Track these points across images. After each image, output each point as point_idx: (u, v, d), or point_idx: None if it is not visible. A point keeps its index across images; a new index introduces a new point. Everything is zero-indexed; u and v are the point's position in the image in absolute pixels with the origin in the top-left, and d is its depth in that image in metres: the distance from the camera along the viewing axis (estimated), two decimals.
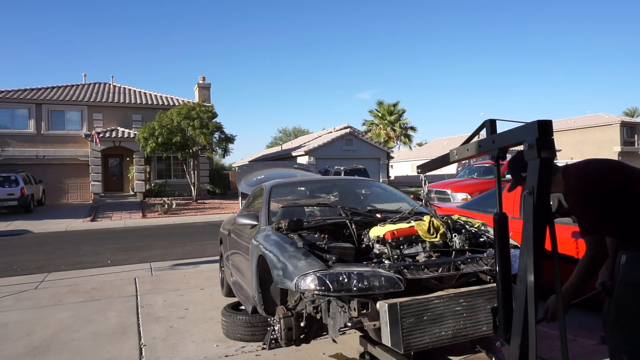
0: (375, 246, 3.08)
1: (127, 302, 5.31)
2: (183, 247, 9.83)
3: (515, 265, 2.13)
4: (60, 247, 10.60)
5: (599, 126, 36.86)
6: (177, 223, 15.48)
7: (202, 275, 6.65)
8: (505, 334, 1.97)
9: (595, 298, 2.70)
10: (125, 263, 8.09)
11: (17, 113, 23.22)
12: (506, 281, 1.96)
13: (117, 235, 12.52)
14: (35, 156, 22.78)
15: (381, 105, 35.62)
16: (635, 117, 46.51)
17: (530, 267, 1.76)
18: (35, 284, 6.57)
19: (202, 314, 4.72)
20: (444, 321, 2.60)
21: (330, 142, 27.61)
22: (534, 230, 1.74)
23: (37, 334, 4.27)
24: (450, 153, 2.47)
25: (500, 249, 1.95)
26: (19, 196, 17.85)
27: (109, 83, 28.20)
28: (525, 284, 1.78)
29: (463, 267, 2.83)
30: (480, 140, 2.15)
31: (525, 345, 1.80)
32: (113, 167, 24.76)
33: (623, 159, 35.53)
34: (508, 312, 1.95)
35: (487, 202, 5.63)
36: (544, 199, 1.77)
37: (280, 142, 51.18)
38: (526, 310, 1.79)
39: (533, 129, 1.73)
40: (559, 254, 1.84)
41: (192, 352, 3.66)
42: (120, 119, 24.49)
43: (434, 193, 12.42)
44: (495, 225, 1.98)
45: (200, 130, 20.32)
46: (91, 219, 16.84)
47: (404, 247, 3.04)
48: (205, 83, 26.79)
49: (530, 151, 1.75)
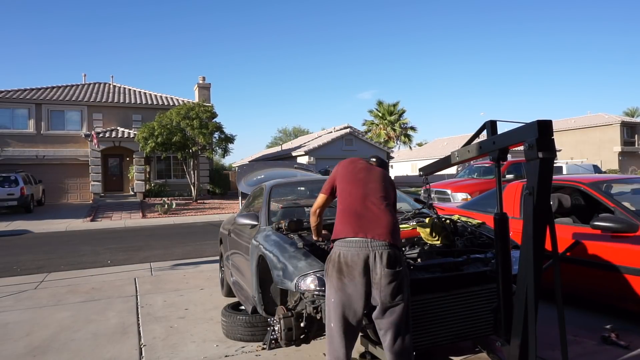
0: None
1: (127, 302, 5.30)
2: (183, 247, 9.82)
3: (515, 265, 2.13)
4: (60, 247, 10.60)
5: (599, 126, 36.84)
6: (177, 223, 15.48)
7: (202, 275, 6.65)
8: (506, 334, 1.97)
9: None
10: (125, 263, 8.09)
11: (17, 113, 23.21)
12: (507, 281, 1.96)
13: (117, 236, 12.52)
14: (35, 156, 22.77)
15: (381, 105, 35.60)
16: (635, 117, 46.51)
17: (530, 267, 1.76)
18: (35, 284, 6.56)
19: (202, 314, 4.72)
20: (444, 321, 2.60)
21: (330, 142, 27.61)
22: (534, 230, 1.74)
23: (37, 334, 4.26)
24: (451, 155, 2.47)
25: (501, 248, 1.95)
26: (18, 196, 17.84)
27: (108, 83, 28.20)
28: (525, 284, 1.78)
29: (464, 268, 2.82)
30: (481, 141, 2.15)
31: (525, 345, 1.80)
32: (113, 167, 24.75)
33: (623, 159, 35.54)
34: (508, 312, 1.95)
35: (487, 202, 5.63)
36: (544, 198, 1.77)
37: (280, 142, 51.19)
38: (526, 310, 1.79)
39: (533, 129, 1.73)
40: (559, 254, 1.84)
41: (192, 352, 3.66)
42: (120, 119, 24.49)
43: (434, 193, 12.42)
44: (496, 226, 1.98)
45: (200, 130, 20.32)
46: (91, 219, 16.84)
47: (406, 249, 3.05)
48: (205, 83, 26.79)
49: (530, 151, 1.74)
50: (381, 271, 2.31)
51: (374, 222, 2.41)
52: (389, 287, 2.31)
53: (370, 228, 2.39)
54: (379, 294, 2.33)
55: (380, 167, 2.70)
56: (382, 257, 2.32)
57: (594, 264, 3.92)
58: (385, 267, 2.31)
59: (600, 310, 4.16)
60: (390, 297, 2.32)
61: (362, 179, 2.58)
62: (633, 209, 4.07)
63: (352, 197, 2.52)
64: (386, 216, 2.45)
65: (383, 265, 2.31)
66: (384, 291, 2.31)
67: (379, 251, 2.33)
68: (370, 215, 2.44)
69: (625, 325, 3.83)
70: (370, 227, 2.39)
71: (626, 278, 3.72)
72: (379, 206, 2.47)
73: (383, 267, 2.31)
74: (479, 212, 5.27)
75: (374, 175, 2.61)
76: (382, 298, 2.32)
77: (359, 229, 2.39)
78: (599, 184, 4.47)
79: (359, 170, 2.63)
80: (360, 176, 2.59)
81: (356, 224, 2.41)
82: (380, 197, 2.51)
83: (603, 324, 3.79)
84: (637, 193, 5.06)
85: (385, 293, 2.32)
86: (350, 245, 2.37)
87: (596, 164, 25.09)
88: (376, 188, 2.55)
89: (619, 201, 4.19)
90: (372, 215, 2.44)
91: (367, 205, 2.47)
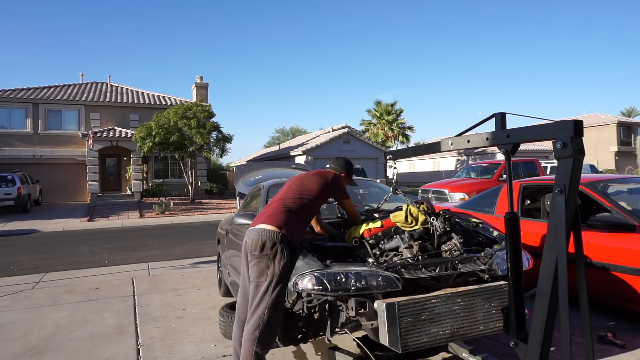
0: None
1: (124, 302, 5.29)
2: (180, 247, 9.81)
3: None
4: (57, 247, 10.57)
5: (595, 126, 36.92)
6: (174, 223, 15.45)
7: (199, 275, 6.64)
8: (519, 334, 1.96)
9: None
10: (123, 263, 8.07)
11: (14, 112, 23.14)
12: (518, 281, 1.95)
13: (115, 235, 12.49)
14: (32, 156, 22.70)
15: (379, 104, 35.63)
16: (632, 117, 46.63)
17: (560, 267, 1.74)
18: (32, 284, 6.54)
19: (200, 314, 4.72)
20: (441, 320, 2.60)
21: (328, 141, 27.61)
22: (566, 229, 1.73)
23: (34, 334, 4.25)
24: (442, 142, 2.39)
25: (511, 248, 1.94)
26: (15, 196, 17.78)
27: (106, 82, 28.14)
28: (550, 282, 1.77)
29: (460, 266, 2.83)
30: (491, 132, 2.09)
31: (548, 344, 1.80)
32: (110, 166, 24.70)
33: (620, 158, 35.63)
34: (520, 311, 1.94)
35: (485, 201, 5.64)
36: (574, 198, 1.77)
37: (278, 141, 51.09)
38: (550, 308, 1.78)
39: (568, 128, 1.73)
40: (584, 255, 1.84)
41: (190, 352, 3.66)
42: (118, 119, 24.44)
43: (431, 193, 12.44)
44: (507, 225, 1.96)
45: (197, 129, 20.29)
46: (88, 219, 16.79)
47: (384, 242, 3.05)
48: (202, 82, 26.76)
49: (564, 150, 1.75)
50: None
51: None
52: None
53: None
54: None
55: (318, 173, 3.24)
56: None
57: (591, 264, 3.93)
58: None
59: (596, 310, 4.17)
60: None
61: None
62: (630, 208, 4.09)
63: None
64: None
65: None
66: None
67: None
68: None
69: (622, 325, 3.84)
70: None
71: (623, 278, 3.73)
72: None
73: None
74: (477, 211, 5.27)
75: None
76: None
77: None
78: (595, 184, 4.48)
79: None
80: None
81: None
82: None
83: (600, 323, 3.81)
84: (634, 193, 5.08)
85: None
86: None
87: (593, 164, 25.17)
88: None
89: (615, 201, 4.21)
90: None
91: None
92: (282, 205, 2.91)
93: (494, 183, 11.29)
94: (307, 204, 2.97)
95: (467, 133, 2.28)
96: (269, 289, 2.65)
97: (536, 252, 3.59)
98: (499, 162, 13.74)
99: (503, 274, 2.81)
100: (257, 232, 2.78)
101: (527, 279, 2.30)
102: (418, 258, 2.82)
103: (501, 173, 12.65)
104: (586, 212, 4.87)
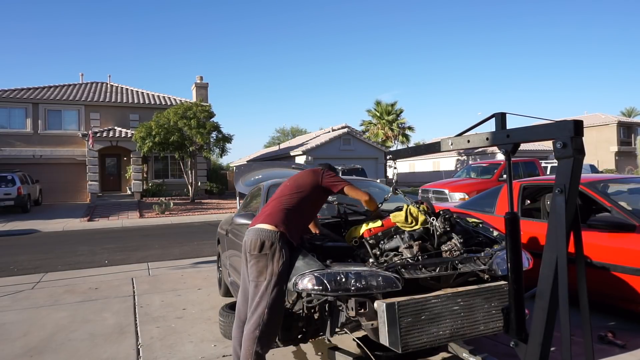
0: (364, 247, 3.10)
1: (124, 302, 5.29)
2: (180, 247, 9.81)
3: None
4: (57, 247, 10.57)
5: (595, 126, 36.91)
6: (174, 223, 15.45)
7: (199, 275, 6.64)
8: (519, 334, 1.96)
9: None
10: (123, 263, 8.07)
11: (14, 112, 23.14)
12: (518, 281, 1.95)
13: (115, 235, 12.49)
14: (32, 156, 22.70)
15: (379, 104, 35.63)
16: (632, 117, 46.63)
17: (559, 266, 1.74)
18: (32, 284, 6.54)
19: (200, 314, 4.72)
20: (441, 321, 2.60)
21: (328, 141, 27.61)
22: (566, 229, 1.73)
23: (34, 334, 4.25)
24: (442, 142, 2.38)
25: (511, 248, 1.94)
26: (15, 196, 17.78)
27: (106, 82, 28.14)
28: (551, 282, 1.77)
29: (460, 266, 2.83)
30: (491, 132, 2.08)
31: (548, 344, 1.80)
32: (110, 166, 24.70)
33: (620, 159, 35.62)
34: (520, 311, 1.94)
35: (485, 201, 5.64)
36: (574, 198, 1.77)
37: (278, 141, 51.09)
38: (550, 308, 1.78)
39: (568, 128, 1.73)
40: (584, 255, 1.84)
41: (190, 352, 3.66)
42: (118, 119, 24.44)
43: (431, 193, 12.44)
44: (507, 225, 1.96)
45: (197, 129, 20.29)
46: (88, 219, 16.79)
47: (384, 242, 3.04)
48: (202, 82, 26.76)
49: (564, 150, 1.75)
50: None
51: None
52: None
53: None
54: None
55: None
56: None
57: (591, 264, 3.93)
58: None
59: (596, 310, 4.17)
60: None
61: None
62: (630, 208, 4.09)
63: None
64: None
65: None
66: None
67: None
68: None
69: (622, 325, 3.84)
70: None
71: (623, 278, 3.73)
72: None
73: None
74: (477, 211, 5.27)
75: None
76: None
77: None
78: (595, 184, 4.48)
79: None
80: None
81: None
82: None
83: (600, 323, 3.81)
84: (634, 193, 5.08)
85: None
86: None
87: (593, 164, 25.16)
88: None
89: (615, 201, 4.21)
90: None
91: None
92: (279, 203, 2.93)
93: (494, 183, 11.29)
94: (303, 197, 2.97)
95: (467, 133, 2.27)
96: (268, 288, 2.65)
97: (536, 252, 3.60)
98: (499, 162, 13.74)
99: (503, 274, 2.81)
100: (255, 232, 2.79)
101: (527, 279, 2.30)
102: (418, 258, 2.82)
103: (501, 173, 12.65)
104: (586, 212, 4.87)
